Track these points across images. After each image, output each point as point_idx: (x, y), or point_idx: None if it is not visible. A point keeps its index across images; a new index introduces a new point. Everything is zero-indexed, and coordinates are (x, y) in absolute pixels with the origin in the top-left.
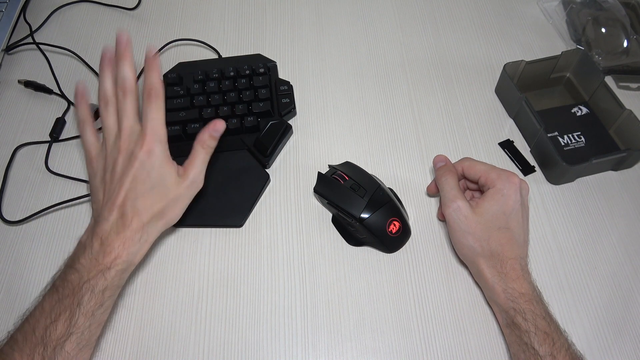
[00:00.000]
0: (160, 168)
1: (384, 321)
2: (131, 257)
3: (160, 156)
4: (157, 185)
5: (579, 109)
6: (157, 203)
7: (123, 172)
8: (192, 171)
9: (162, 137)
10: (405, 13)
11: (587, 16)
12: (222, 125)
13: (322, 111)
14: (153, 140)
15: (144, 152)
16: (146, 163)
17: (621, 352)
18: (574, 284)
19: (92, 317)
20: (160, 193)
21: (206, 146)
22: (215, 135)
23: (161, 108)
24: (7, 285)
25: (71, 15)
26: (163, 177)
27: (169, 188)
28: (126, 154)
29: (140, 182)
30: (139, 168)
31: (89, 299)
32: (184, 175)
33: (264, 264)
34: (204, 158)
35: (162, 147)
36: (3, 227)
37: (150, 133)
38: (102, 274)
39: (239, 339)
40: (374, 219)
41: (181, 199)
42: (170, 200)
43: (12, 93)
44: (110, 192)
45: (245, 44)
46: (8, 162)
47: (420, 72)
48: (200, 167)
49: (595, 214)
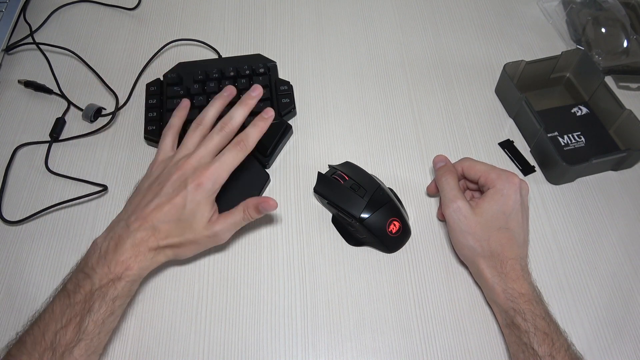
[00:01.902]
0: (198, 206)
1: (384, 321)
2: (141, 271)
3: (205, 195)
4: (185, 220)
5: (579, 109)
6: (178, 236)
7: (167, 194)
8: (220, 226)
9: (219, 180)
10: (405, 13)
11: (587, 16)
12: (274, 208)
13: (322, 111)
14: (210, 177)
15: (194, 185)
16: (189, 196)
17: (621, 352)
18: (574, 284)
19: (102, 325)
20: (185, 228)
21: (247, 215)
22: (261, 211)
23: (239, 159)
24: (7, 285)
25: (71, 15)
26: (195, 215)
27: (193, 228)
28: (181, 177)
29: (175, 209)
30: (181, 197)
31: (99, 306)
32: (213, 225)
33: (264, 264)
34: (239, 222)
35: (212, 187)
36: (3, 227)
37: (213, 170)
38: (112, 283)
39: (239, 339)
40: (374, 219)
41: (198, 244)
42: (189, 239)
43: (12, 93)
44: (146, 203)
45: (245, 44)
46: (8, 162)
47: (420, 72)
48: (229, 227)
49: (595, 214)
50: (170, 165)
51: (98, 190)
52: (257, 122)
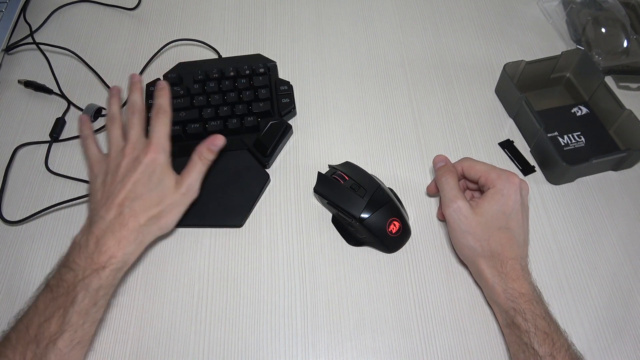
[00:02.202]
0: (161, 173)
1: (384, 321)
2: (126, 257)
3: (163, 163)
4: (155, 189)
5: (579, 109)
6: (154, 207)
7: (125, 174)
8: (187, 180)
9: (166, 148)
10: (405, 13)
11: (587, 16)
12: (222, 141)
13: (322, 111)
14: (158, 149)
15: (149, 158)
16: (149, 167)
17: (621, 352)
18: (574, 284)
19: (87, 316)
20: (158, 197)
21: (203, 158)
22: (213, 149)
23: (167, 124)
24: (7, 285)
25: (71, 15)
26: (162, 182)
27: (166, 194)
28: (130, 159)
29: (141, 185)
30: (141, 172)
31: (82, 297)
32: (180, 182)
33: (264, 264)
34: (200, 169)
35: (165, 156)
36: (3, 227)
37: (156, 142)
38: (96, 272)
39: (239, 339)
40: (373, 219)
41: (176, 205)
42: (166, 205)
43: (12, 93)
44: (110, 192)
45: (245, 44)
46: (8, 162)
47: (420, 72)
48: (195, 177)
49: (595, 214)
50: (113, 157)
51: None
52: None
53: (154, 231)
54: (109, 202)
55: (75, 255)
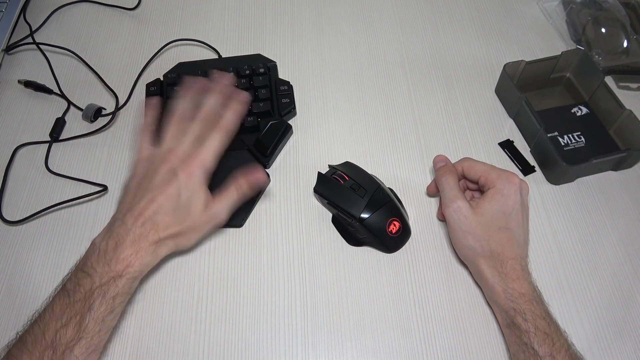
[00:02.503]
0: (193, 193)
1: (384, 321)
2: (142, 267)
3: (198, 182)
4: (182, 208)
5: (579, 109)
6: (177, 225)
7: (159, 186)
8: (218, 207)
9: (208, 166)
10: (405, 13)
11: (587, 16)
12: (264, 178)
13: (322, 111)
14: (199, 165)
15: (186, 174)
16: (182, 185)
17: (621, 352)
18: (574, 284)
19: (102, 323)
20: (182, 216)
21: (240, 191)
22: (253, 187)
23: (222, 142)
24: (7, 285)
25: (71, 15)
26: (191, 202)
27: (192, 215)
28: (169, 169)
29: (171, 200)
30: (174, 187)
31: (99, 304)
32: (210, 207)
33: (264, 264)
34: (234, 200)
35: (203, 174)
36: (3, 227)
37: (200, 158)
38: (113, 280)
39: (239, 339)
40: (373, 219)
41: (199, 228)
42: (189, 225)
43: (12, 93)
44: (140, 199)
45: (245, 44)
46: (8, 162)
47: (420, 72)
48: (226, 206)
49: (595, 214)
50: (156, 160)
51: (98, 190)
52: (232, 104)
53: (171, 247)
54: (136, 210)
55: (93, 260)
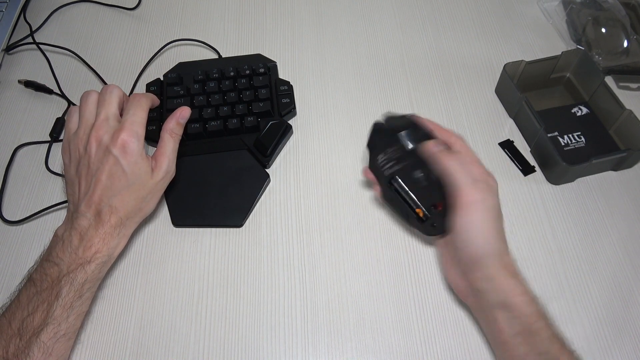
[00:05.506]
0: (136, 165)
1: (384, 321)
2: (111, 250)
3: (135, 152)
4: (133, 183)
5: (579, 109)
6: (134, 200)
7: (98, 167)
8: (164, 162)
9: (139, 133)
10: (405, 13)
11: (587, 16)
12: (188, 112)
13: (322, 111)
14: (129, 134)
15: (119, 148)
16: (121, 160)
17: (621, 352)
18: (574, 284)
19: (71, 309)
20: (136, 190)
21: (174, 134)
22: (181, 122)
23: (144, 109)
24: (7, 285)
25: (71, 15)
26: (139, 174)
27: (144, 183)
28: (101, 147)
29: (116, 179)
30: (114, 164)
31: (67, 291)
32: (157, 167)
33: (264, 264)
34: (174, 147)
35: (137, 142)
36: (3, 227)
37: (128, 127)
38: (82, 267)
39: (239, 339)
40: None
41: (156, 191)
42: (145, 194)
43: (12, 93)
44: (87, 186)
45: (245, 44)
46: (8, 162)
47: (420, 72)
48: (171, 157)
49: (595, 214)
50: (80, 138)
51: None
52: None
53: (136, 220)
54: (87, 199)
55: (58, 250)
